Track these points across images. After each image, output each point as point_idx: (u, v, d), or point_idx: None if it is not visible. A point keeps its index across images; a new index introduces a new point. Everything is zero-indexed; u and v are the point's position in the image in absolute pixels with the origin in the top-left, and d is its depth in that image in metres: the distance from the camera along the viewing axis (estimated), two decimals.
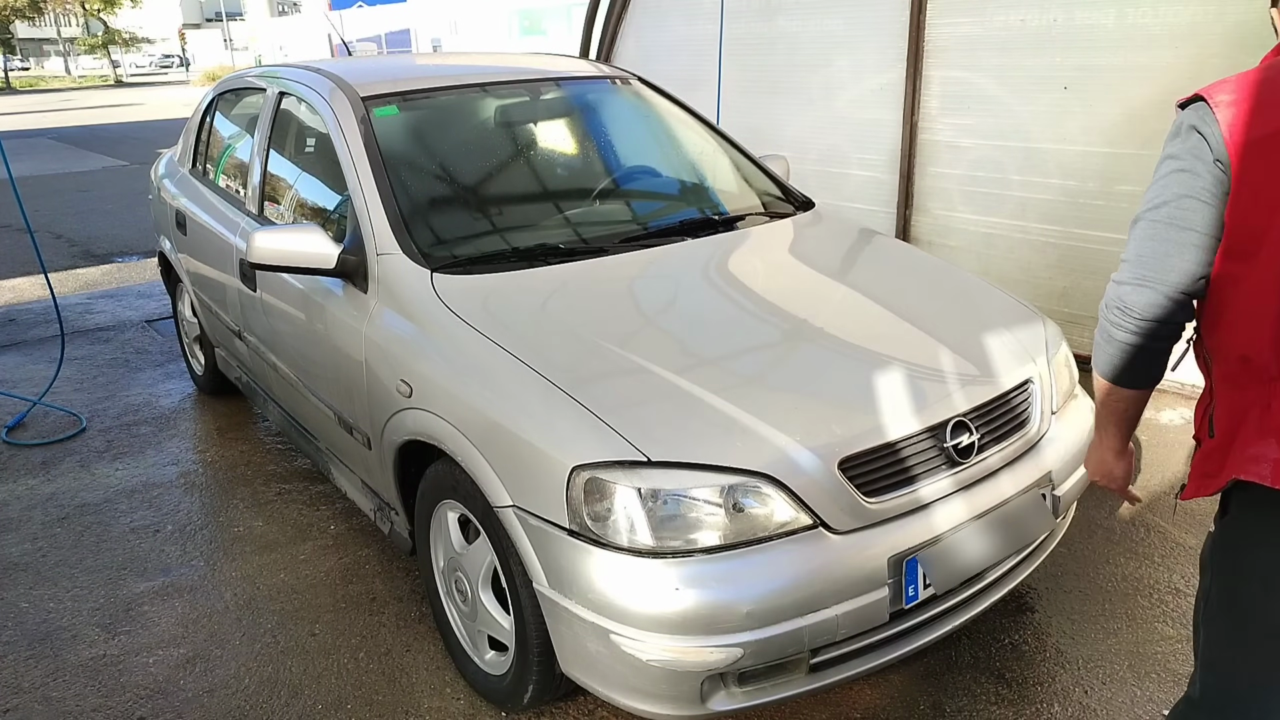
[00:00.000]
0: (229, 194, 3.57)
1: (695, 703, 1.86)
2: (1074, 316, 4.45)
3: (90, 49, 55.14)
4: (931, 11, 4.76)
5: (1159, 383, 1.48)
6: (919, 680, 2.38)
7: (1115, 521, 3.10)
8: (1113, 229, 4.23)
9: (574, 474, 1.84)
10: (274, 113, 3.26)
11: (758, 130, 5.74)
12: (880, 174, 5.21)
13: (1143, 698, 2.31)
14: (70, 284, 6.63)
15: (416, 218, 2.61)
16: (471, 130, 3.09)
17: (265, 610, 2.76)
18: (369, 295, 2.51)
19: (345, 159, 2.71)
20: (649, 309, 2.37)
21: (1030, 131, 4.44)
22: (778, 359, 2.16)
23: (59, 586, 2.92)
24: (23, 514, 3.38)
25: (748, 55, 5.84)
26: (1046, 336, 2.47)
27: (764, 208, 3.11)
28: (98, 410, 4.29)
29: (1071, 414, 2.42)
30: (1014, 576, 2.26)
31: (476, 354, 2.15)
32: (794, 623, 1.81)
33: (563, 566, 1.86)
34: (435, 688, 2.41)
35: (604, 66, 3.65)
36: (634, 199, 3.13)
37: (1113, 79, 4.11)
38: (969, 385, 2.14)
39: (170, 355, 5.02)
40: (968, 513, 2.03)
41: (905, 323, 2.36)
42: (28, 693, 2.45)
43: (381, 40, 34.25)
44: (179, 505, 3.41)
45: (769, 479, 1.84)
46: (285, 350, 3.04)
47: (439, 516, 2.36)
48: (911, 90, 4.90)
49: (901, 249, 3.02)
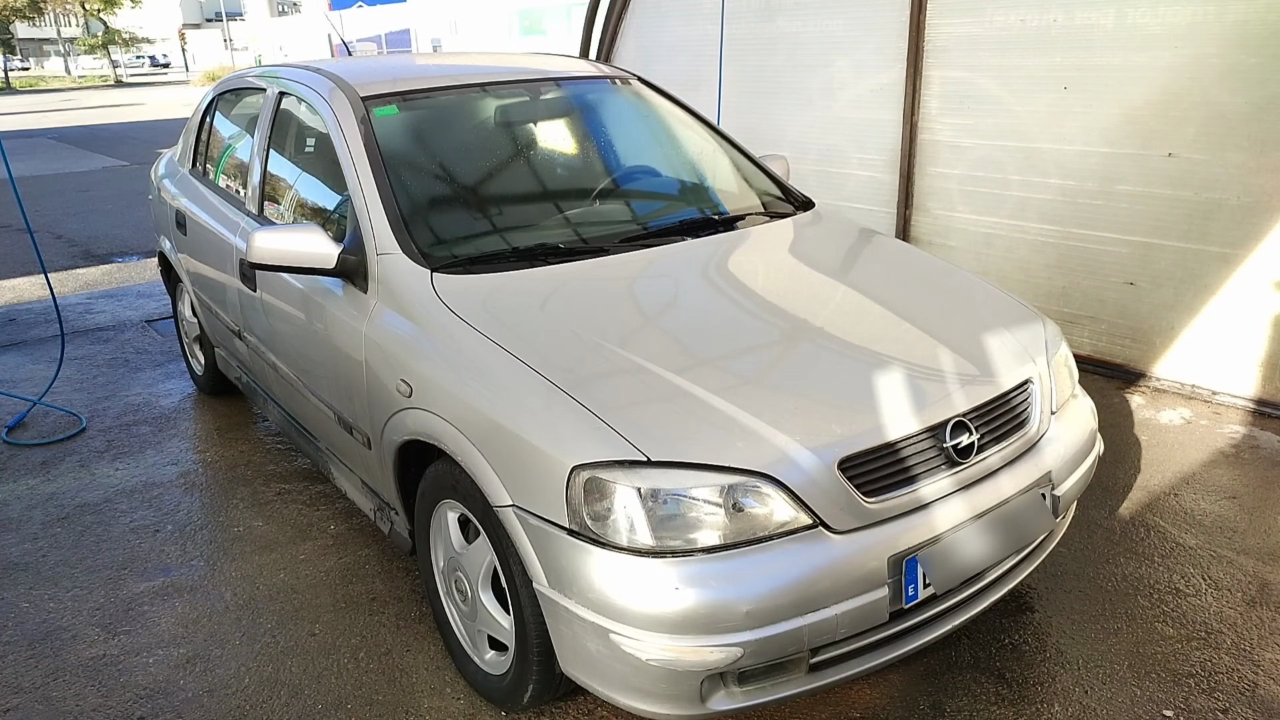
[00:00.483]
0: (229, 194, 3.57)
1: (695, 702, 1.86)
2: (1074, 316, 4.46)
3: (90, 49, 55.16)
4: (931, 11, 4.76)
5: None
6: (919, 680, 2.38)
7: (1115, 521, 3.10)
8: (1112, 229, 4.24)
9: (574, 473, 1.84)
10: (274, 113, 3.26)
11: (758, 130, 5.75)
12: (880, 174, 5.21)
13: (1143, 698, 2.31)
14: (70, 284, 6.64)
15: (416, 218, 2.61)
16: (471, 130, 3.09)
17: (265, 610, 2.76)
18: (369, 295, 2.51)
19: (345, 159, 2.71)
20: (649, 309, 2.37)
21: (1030, 131, 4.45)
22: (778, 359, 2.16)
23: (59, 586, 2.92)
24: (23, 514, 3.38)
25: (748, 55, 5.84)
26: (1046, 336, 2.47)
27: (764, 208, 3.11)
28: (98, 410, 4.29)
29: (1071, 414, 2.42)
30: (1014, 576, 2.27)
31: (476, 354, 2.16)
32: (794, 622, 1.81)
33: (563, 566, 1.87)
34: (435, 688, 2.41)
35: (604, 66, 3.65)
36: (634, 199, 3.13)
37: (1112, 79, 4.11)
38: (969, 385, 2.14)
39: (170, 355, 5.02)
40: (968, 512, 2.03)
41: (905, 323, 2.36)
42: (28, 693, 2.45)
43: (381, 40, 34.26)
44: (179, 505, 3.41)
45: (769, 479, 1.84)
46: (285, 350, 3.04)
47: (439, 516, 2.36)
48: (911, 90, 4.90)
49: (901, 249, 3.02)
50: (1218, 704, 2.28)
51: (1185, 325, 4.09)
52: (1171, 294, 4.11)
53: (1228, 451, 3.57)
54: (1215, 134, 3.84)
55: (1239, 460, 3.49)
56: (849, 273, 2.73)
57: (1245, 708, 2.27)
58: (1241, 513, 3.13)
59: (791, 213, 3.10)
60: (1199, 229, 3.96)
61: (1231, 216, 3.86)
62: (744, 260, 2.71)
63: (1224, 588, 2.73)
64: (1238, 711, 2.26)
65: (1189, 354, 4.11)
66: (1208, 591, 2.71)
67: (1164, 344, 4.18)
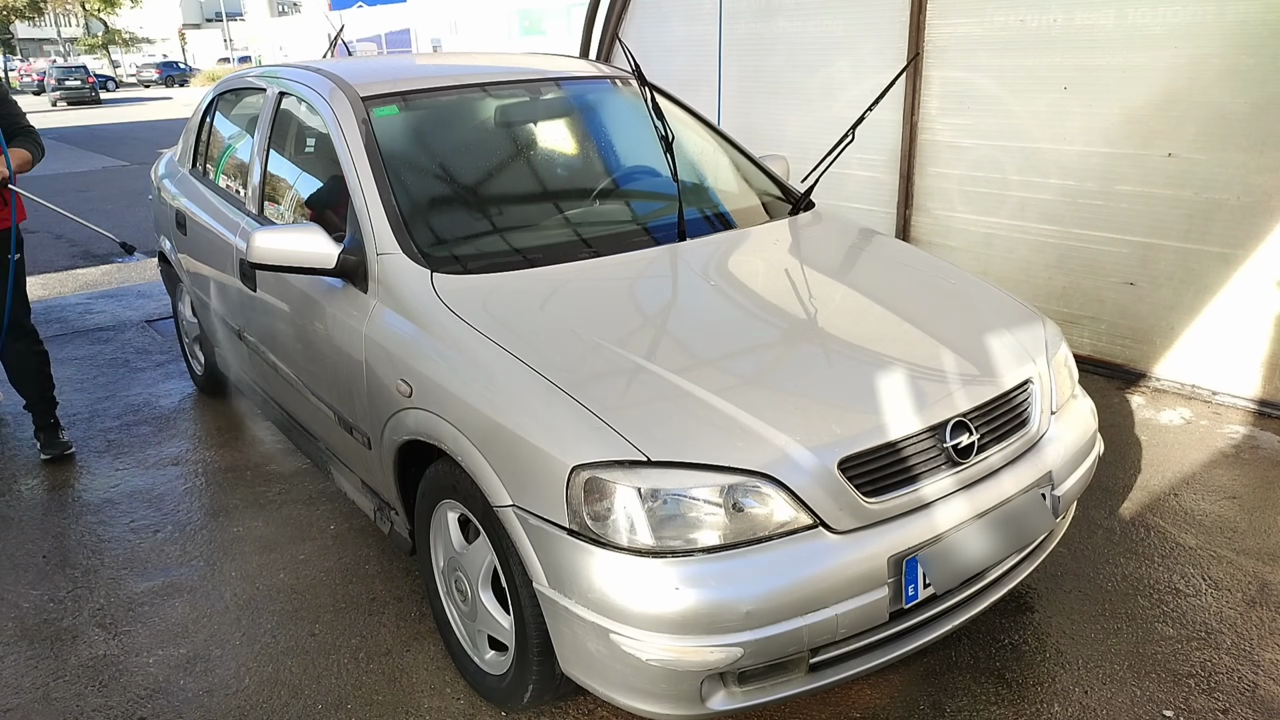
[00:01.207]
0: (229, 194, 3.57)
1: (695, 702, 1.86)
2: (1073, 316, 4.45)
3: (90, 49, 55.17)
4: (931, 12, 4.76)
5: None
6: (919, 680, 2.38)
7: (1115, 521, 3.10)
8: (1112, 229, 4.24)
9: (574, 474, 1.84)
10: (274, 113, 3.26)
11: (757, 130, 5.75)
12: (880, 174, 5.21)
13: (1143, 698, 2.31)
14: (70, 284, 6.64)
15: (416, 218, 2.61)
16: (471, 130, 3.09)
17: (265, 610, 2.76)
18: (369, 295, 2.51)
19: (345, 159, 2.71)
20: (649, 309, 2.37)
21: (1030, 132, 4.45)
22: (778, 359, 2.16)
23: (59, 586, 2.92)
24: (23, 514, 3.38)
25: (747, 56, 5.84)
26: (1046, 336, 2.47)
27: (764, 208, 3.11)
28: (98, 410, 4.29)
29: (1071, 414, 2.42)
30: (1014, 576, 2.27)
31: (476, 354, 2.15)
32: (794, 622, 1.81)
33: (563, 566, 1.87)
34: (435, 688, 2.41)
35: (604, 66, 3.65)
36: (634, 199, 3.13)
37: (1112, 79, 4.11)
38: (969, 385, 2.14)
39: (170, 355, 5.02)
40: (968, 512, 2.03)
41: (905, 323, 2.36)
42: (28, 693, 2.45)
43: (381, 40, 34.26)
44: (179, 505, 3.41)
45: (769, 479, 1.84)
46: (285, 350, 3.04)
47: (439, 516, 2.36)
48: (911, 90, 4.90)
49: (901, 249, 3.02)
50: (1218, 704, 2.28)
51: (1185, 325, 4.09)
52: (1171, 294, 4.11)
53: (1228, 452, 3.57)
54: (1215, 134, 3.84)
55: (1239, 460, 3.49)
56: (849, 273, 2.73)
57: (1245, 708, 2.27)
58: (1241, 513, 3.13)
59: (791, 213, 3.10)
60: (1199, 229, 3.96)
61: (1231, 216, 3.86)
62: (744, 260, 2.71)
63: (1224, 588, 2.73)
64: (1238, 711, 2.26)
65: (1189, 354, 4.11)
66: (1208, 592, 2.71)
67: (1164, 344, 4.18)
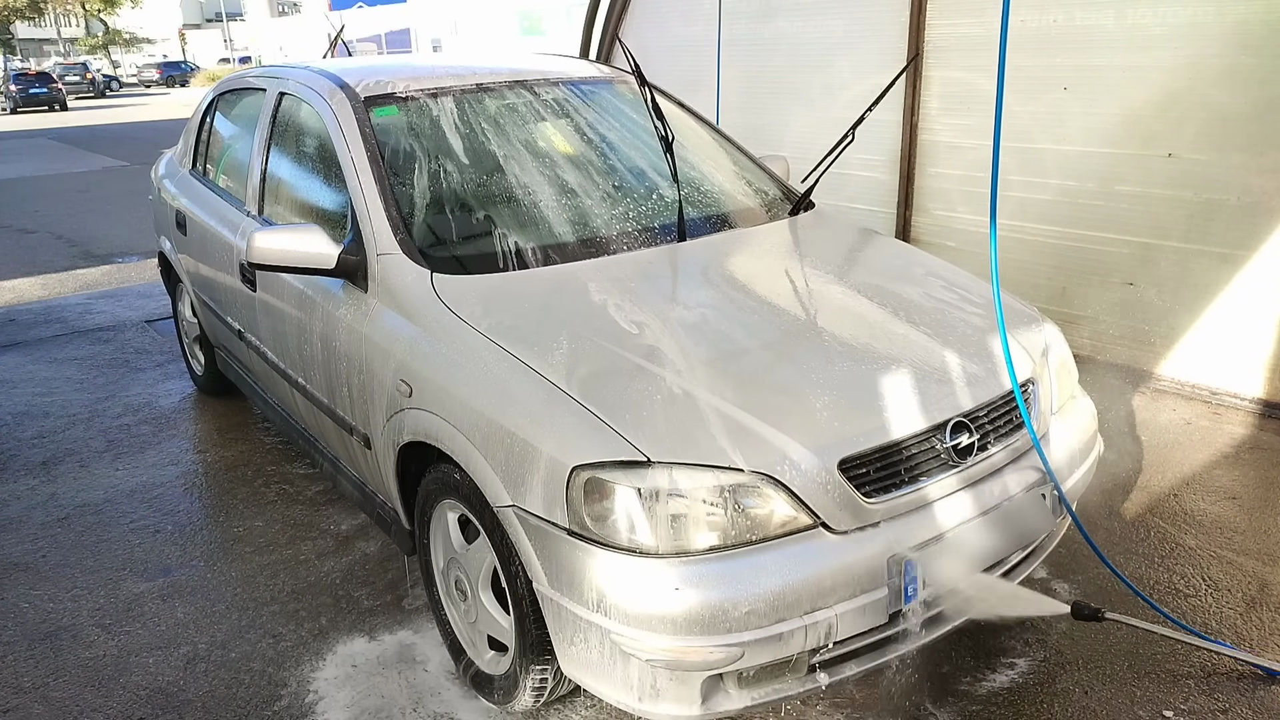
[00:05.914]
0: (229, 194, 3.57)
1: (695, 703, 1.86)
2: (1074, 316, 4.45)
3: (91, 49, 55.18)
4: (931, 12, 4.76)
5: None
6: (919, 680, 2.38)
7: (1115, 521, 3.10)
8: (1112, 229, 4.24)
9: (574, 474, 1.84)
10: (274, 113, 3.26)
11: (758, 131, 5.74)
12: (880, 174, 5.21)
13: (1143, 698, 2.31)
14: (70, 284, 6.64)
15: (416, 218, 2.61)
16: (471, 131, 3.09)
17: (265, 611, 2.76)
18: (369, 295, 2.51)
19: (345, 159, 2.71)
20: (649, 309, 2.37)
21: (1030, 132, 4.45)
22: (778, 359, 2.16)
23: (59, 586, 2.92)
24: (23, 514, 3.38)
25: (747, 56, 5.85)
26: (1046, 337, 2.48)
27: (764, 208, 3.11)
28: (98, 410, 4.29)
29: (1071, 414, 2.42)
30: (1014, 577, 2.26)
31: (477, 354, 2.15)
32: (794, 623, 1.81)
33: (563, 566, 1.87)
34: (435, 688, 2.41)
35: (604, 67, 3.65)
36: (634, 199, 3.13)
37: (1112, 79, 4.11)
38: (969, 385, 2.14)
39: (170, 355, 5.02)
40: (968, 513, 2.03)
41: (905, 323, 2.36)
42: (28, 693, 2.45)
43: (381, 40, 34.28)
44: (179, 505, 3.41)
45: (769, 479, 1.84)
46: (285, 351, 3.04)
47: (439, 516, 2.36)
48: (911, 90, 4.90)
49: (901, 249, 3.02)
50: (1218, 704, 2.28)
51: (1185, 325, 4.09)
52: (1171, 294, 4.10)
53: (1228, 452, 3.57)
54: (1215, 134, 3.84)
55: (1239, 460, 3.49)
56: (849, 273, 2.73)
57: (1245, 708, 2.27)
58: (1241, 513, 3.13)
59: (792, 213, 3.10)
60: (1199, 229, 3.96)
61: (1231, 217, 3.85)
62: (744, 260, 2.71)
63: (1224, 588, 2.73)
64: (1238, 712, 2.26)
65: (1189, 354, 4.11)
66: (1208, 592, 2.71)
67: (1164, 344, 4.18)
